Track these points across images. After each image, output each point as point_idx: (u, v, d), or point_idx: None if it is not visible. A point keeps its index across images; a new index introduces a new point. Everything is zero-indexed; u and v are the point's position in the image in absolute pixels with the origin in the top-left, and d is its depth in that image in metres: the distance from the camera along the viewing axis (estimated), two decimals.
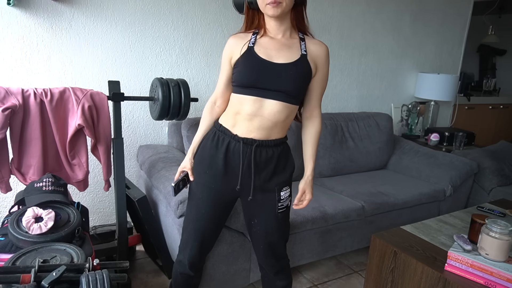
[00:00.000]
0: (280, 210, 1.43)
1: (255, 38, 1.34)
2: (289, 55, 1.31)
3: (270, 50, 1.31)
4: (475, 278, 1.35)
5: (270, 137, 1.35)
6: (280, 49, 1.32)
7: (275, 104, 1.30)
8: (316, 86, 1.40)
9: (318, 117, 1.44)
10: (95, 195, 2.36)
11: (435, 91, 3.35)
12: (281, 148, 1.40)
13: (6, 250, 1.24)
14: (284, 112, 1.32)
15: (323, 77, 1.40)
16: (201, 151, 1.43)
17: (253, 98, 1.30)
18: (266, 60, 1.30)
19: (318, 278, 2.23)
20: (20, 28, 1.97)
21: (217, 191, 1.41)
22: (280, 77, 1.29)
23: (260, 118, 1.32)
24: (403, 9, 3.25)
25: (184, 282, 1.57)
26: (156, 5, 2.27)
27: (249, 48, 1.32)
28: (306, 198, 1.45)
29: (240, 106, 1.33)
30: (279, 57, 1.31)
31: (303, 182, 1.45)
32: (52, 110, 1.64)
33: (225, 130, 1.37)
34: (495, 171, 2.79)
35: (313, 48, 1.35)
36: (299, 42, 1.35)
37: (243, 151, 1.34)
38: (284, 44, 1.33)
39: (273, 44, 1.33)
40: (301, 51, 1.33)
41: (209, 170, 1.39)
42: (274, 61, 1.30)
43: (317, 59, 1.36)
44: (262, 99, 1.30)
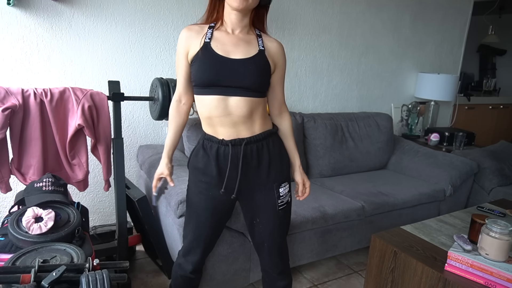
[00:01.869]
0: (281, 207, 1.43)
1: (211, 33, 1.31)
2: (247, 50, 1.30)
3: (227, 46, 1.30)
4: (475, 278, 1.35)
5: (255, 131, 1.35)
6: (237, 44, 1.31)
7: (239, 100, 1.29)
8: (277, 83, 1.41)
9: (286, 111, 1.48)
10: (95, 195, 2.36)
11: (435, 91, 3.36)
12: (272, 140, 1.40)
13: (6, 250, 1.24)
14: (249, 105, 1.31)
15: (282, 73, 1.41)
16: (194, 161, 1.42)
17: (216, 97, 1.29)
18: (223, 56, 1.28)
19: (318, 278, 2.23)
20: (20, 28, 1.97)
21: (214, 198, 1.41)
22: (239, 72, 1.27)
23: (230, 116, 1.31)
24: (403, 9, 3.25)
25: (184, 284, 1.56)
26: (156, 5, 2.27)
27: (205, 44, 1.29)
28: (306, 186, 1.51)
29: (208, 109, 1.32)
30: (237, 53, 1.29)
31: (297, 174, 1.50)
32: (52, 110, 1.64)
33: (211, 138, 1.37)
34: (495, 171, 2.79)
35: (270, 45, 1.36)
36: (256, 38, 1.34)
37: (232, 154, 1.34)
38: (241, 39, 1.32)
39: (230, 39, 1.31)
40: (258, 46, 1.32)
41: (204, 178, 1.39)
42: (232, 57, 1.28)
43: (275, 56, 1.36)
44: (224, 97, 1.29)
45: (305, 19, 2.79)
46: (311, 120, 2.67)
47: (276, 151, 1.41)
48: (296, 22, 2.76)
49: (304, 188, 1.51)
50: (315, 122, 2.67)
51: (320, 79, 2.99)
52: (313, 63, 2.92)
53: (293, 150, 1.49)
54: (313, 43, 2.88)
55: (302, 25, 2.79)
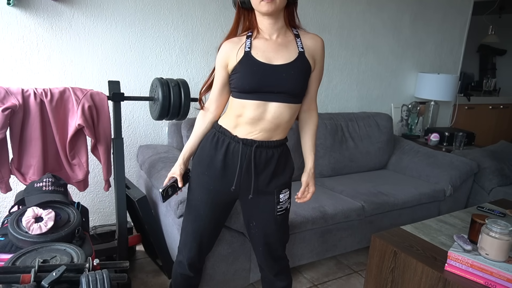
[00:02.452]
0: (279, 213, 1.42)
1: (250, 42, 1.31)
2: (288, 54, 1.30)
3: (267, 53, 1.30)
4: (475, 278, 1.35)
5: (271, 138, 1.35)
6: (278, 50, 1.30)
7: (279, 106, 1.30)
8: (314, 80, 1.40)
9: (315, 110, 1.45)
10: (95, 195, 2.36)
11: (435, 91, 3.35)
12: (281, 150, 1.39)
13: (6, 250, 1.24)
14: (288, 113, 1.32)
15: (321, 69, 1.40)
16: (200, 152, 1.42)
17: (256, 102, 1.29)
18: (265, 63, 1.28)
19: (318, 278, 2.23)
20: (20, 28, 1.97)
21: (215, 192, 1.41)
22: (281, 78, 1.28)
23: (263, 121, 1.31)
24: (403, 9, 3.25)
25: (184, 283, 1.57)
26: (156, 5, 2.27)
27: (246, 53, 1.29)
28: (309, 191, 1.47)
29: (243, 109, 1.32)
30: (278, 58, 1.29)
31: (305, 175, 1.46)
32: (52, 110, 1.64)
33: (225, 131, 1.36)
34: (495, 171, 2.79)
35: (309, 43, 1.35)
36: (294, 40, 1.33)
37: (242, 152, 1.34)
38: (280, 44, 1.31)
39: (270, 45, 1.31)
40: (298, 48, 1.32)
41: (208, 171, 1.39)
42: (274, 63, 1.28)
43: (315, 53, 1.35)
44: (265, 102, 1.29)
45: (305, 19, 2.78)
46: None
47: (283, 160, 1.40)
48: None
49: (306, 191, 1.47)
50: None
51: None
52: None
53: (310, 151, 1.45)
54: None
55: (302, 25, 2.78)
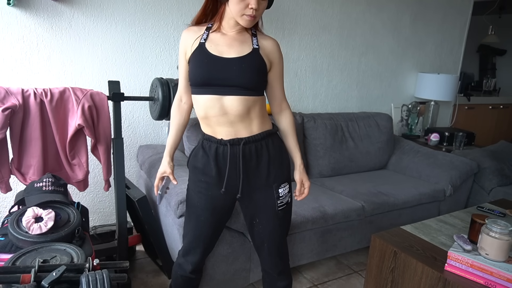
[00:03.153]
0: (280, 208, 1.43)
1: (207, 34, 1.33)
2: (240, 49, 1.31)
3: (221, 46, 1.31)
4: (475, 278, 1.35)
5: (253, 131, 1.35)
6: (231, 44, 1.32)
7: (234, 99, 1.29)
8: (275, 81, 1.40)
9: (287, 108, 1.47)
10: (95, 195, 2.36)
11: (435, 91, 3.35)
12: (271, 140, 1.39)
13: (6, 250, 1.24)
14: (246, 104, 1.31)
15: (280, 71, 1.41)
16: (194, 161, 1.43)
17: (211, 97, 1.30)
18: (216, 55, 1.29)
19: (318, 278, 2.23)
20: (20, 28, 1.97)
21: (214, 197, 1.41)
22: (232, 71, 1.28)
23: (226, 116, 1.32)
24: (403, 9, 3.25)
25: (184, 284, 1.56)
26: (156, 5, 2.27)
27: (200, 45, 1.31)
28: (305, 186, 1.49)
29: (204, 109, 1.33)
30: (230, 52, 1.30)
31: (297, 173, 1.48)
32: (52, 110, 1.64)
33: (210, 138, 1.37)
34: (495, 171, 2.79)
35: (265, 43, 1.36)
36: (251, 37, 1.35)
37: (231, 153, 1.34)
38: (235, 39, 1.33)
39: (225, 39, 1.32)
40: (253, 45, 1.33)
41: (204, 177, 1.40)
42: (225, 56, 1.29)
43: (270, 54, 1.36)
44: (219, 96, 1.30)
45: (305, 19, 2.79)
46: (311, 120, 2.67)
47: (276, 151, 1.41)
48: (296, 22, 2.76)
49: (302, 188, 1.49)
50: (315, 122, 2.67)
51: (320, 79, 2.99)
52: (313, 63, 2.92)
53: (294, 149, 1.48)
54: (313, 43, 2.87)
55: (302, 25, 2.79)
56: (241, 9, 1.25)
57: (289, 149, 1.48)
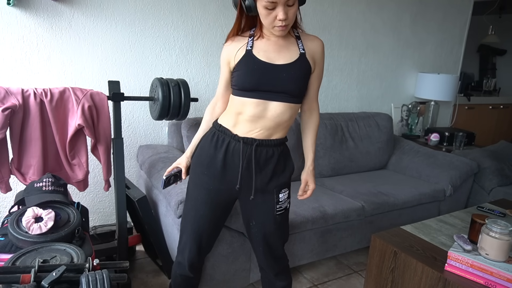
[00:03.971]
0: (279, 212, 1.43)
1: (252, 41, 1.33)
2: (289, 55, 1.32)
3: (269, 52, 1.31)
4: (475, 278, 1.35)
5: (271, 136, 1.36)
6: (279, 50, 1.32)
7: (279, 105, 1.31)
8: (314, 80, 1.41)
9: (316, 109, 1.47)
10: (95, 195, 2.36)
11: (435, 91, 3.35)
12: (281, 149, 1.40)
13: (6, 250, 1.24)
14: (287, 112, 1.33)
15: (321, 71, 1.41)
16: (199, 152, 1.43)
17: (256, 101, 1.31)
18: (266, 62, 1.29)
19: (318, 278, 2.23)
20: (20, 28, 1.97)
21: (215, 192, 1.41)
22: (282, 78, 1.29)
23: (263, 119, 1.32)
24: (403, 9, 3.25)
25: (184, 283, 1.57)
26: (156, 5, 2.27)
27: (247, 51, 1.31)
28: (309, 188, 1.49)
29: (243, 107, 1.33)
30: (279, 58, 1.31)
31: (304, 173, 1.49)
32: (52, 110, 1.64)
33: (225, 130, 1.37)
34: (495, 171, 2.79)
35: (310, 44, 1.36)
36: (296, 41, 1.35)
37: (243, 151, 1.34)
38: (281, 44, 1.33)
39: (271, 45, 1.32)
40: (299, 49, 1.33)
41: (207, 171, 1.39)
42: (275, 63, 1.30)
43: (315, 55, 1.37)
44: (265, 101, 1.31)
45: (305, 19, 2.78)
46: None
47: (282, 159, 1.41)
48: None
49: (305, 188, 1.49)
50: None
51: None
52: None
53: (310, 149, 1.48)
54: None
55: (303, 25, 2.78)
56: (270, 22, 1.24)
57: (304, 148, 1.49)
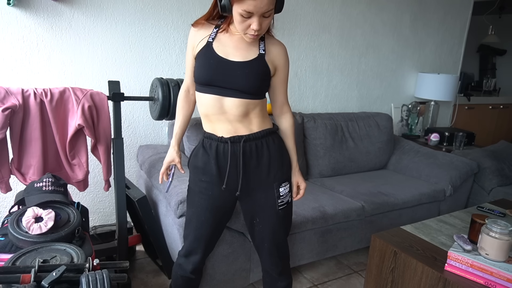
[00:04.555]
0: (281, 207, 1.43)
1: (215, 33, 1.33)
2: (246, 53, 1.31)
3: (228, 48, 1.31)
4: (475, 278, 1.35)
5: (252, 129, 1.36)
6: (238, 47, 1.32)
7: (234, 101, 1.31)
8: (278, 85, 1.41)
9: (288, 112, 1.48)
10: (95, 195, 2.36)
11: (435, 91, 3.35)
12: (271, 139, 1.40)
13: (6, 250, 1.24)
14: (245, 107, 1.32)
15: (285, 76, 1.41)
16: (194, 160, 1.44)
17: (212, 96, 1.31)
18: (222, 57, 1.30)
19: (318, 278, 2.23)
20: (20, 28, 1.97)
21: (214, 197, 1.41)
22: (235, 75, 1.29)
23: (225, 115, 1.33)
24: (403, 9, 3.25)
25: (185, 284, 1.57)
26: (156, 5, 2.27)
27: (207, 44, 1.32)
28: (301, 187, 1.50)
29: (205, 107, 1.35)
30: (236, 55, 1.30)
31: (293, 175, 1.49)
32: (52, 110, 1.64)
33: (210, 135, 1.38)
34: (495, 171, 2.79)
35: (273, 48, 1.35)
36: (258, 41, 1.34)
37: (231, 151, 1.35)
38: (243, 42, 1.32)
39: (232, 41, 1.32)
40: (259, 50, 1.33)
41: (204, 177, 1.40)
42: (230, 59, 1.30)
43: (276, 59, 1.36)
44: (220, 97, 1.31)
45: (305, 19, 2.79)
46: (311, 120, 2.67)
47: (276, 150, 1.41)
48: (296, 22, 2.76)
49: (298, 190, 1.51)
50: (315, 122, 2.67)
51: (320, 79, 2.99)
52: (313, 63, 2.92)
53: (292, 151, 1.49)
54: (313, 43, 2.87)
55: (302, 25, 2.79)
56: (243, 29, 1.24)
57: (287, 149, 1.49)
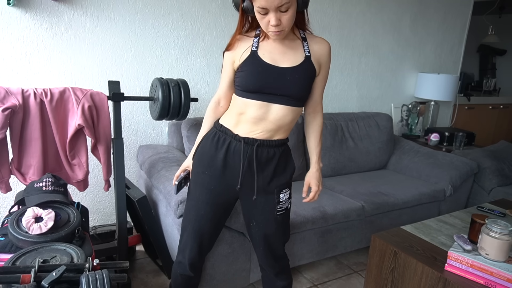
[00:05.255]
0: (280, 213, 1.43)
1: (257, 42, 1.32)
2: (294, 58, 1.30)
3: (274, 54, 1.30)
4: (475, 278, 1.35)
5: (272, 137, 1.36)
6: (285, 52, 1.31)
7: (281, 108, 1.31)
8: (319, 83, 1.40)
9: (320, 112, 1.47)
10: (95, 195, 2.36)
11: (435, 91, 3.35)
12: (283, 149, 1.40)
13: (6, 250, 1.24)
14: (290, 115, 1.33)
15: (326, 74, 1.40)
16: (200, 152, 1.43)
17: (259, 102, 1.30)
18: (271, 64, 1.28)
19: (318, 278, 2.23)
20: (20, 28, 1.97)
21: (216, 192, 1.41)
22: (286, 81, 1.28)
23: (265, 121, 1.32)
24: (403, 9, 3.25)
25: (184, 283, 1.57)
26: (156, 5, 2.27)
27: (252, 52, 1.30)
28: (312, 189, 1.48)
29: (245, 108, 1.33)
30: (284, 61, 1.30)
31: (308, 175, 1.48)
32: (52, 110, 1.64)
33: (226, 130, 1.37)
34: (495, 171, 2.79)
35: (316, 47, 1.34)
36: (301, 43, 1.33)
37: (244, 151, 1.34)
38: (287, 46, 1.31)
39: (277, 47, 1.31)
40: (304, 52, 1.32)
41: (208, 170, 1.39)
42: (280, 65, 1.29)
43: (321, 58, 1.35)
44: (268, 103, 1.30)
45: None
46: None
47: (283, 160, 1.41)
48: None
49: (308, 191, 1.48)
50: None
51: None
52: None
53: (313, 151, 1.47)
54: None
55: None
56: (265, 26, 1.23)
57: (309, 149, 1.49)
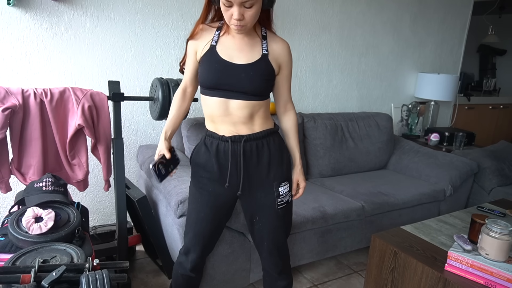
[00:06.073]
0: (280, 206, 1.43)
1: (218, 36, 1.34)
2: (250, 55, 1.32)
3: (231, 50, 1.32)
4: (475, 278, 1.35)
5: (254, 130, 1.37)
6: (242, 49, 1.32)
7: (240, 103, 1.32)
8: (282, 83, 1.42)
9: (292, 109, 1.48)
10: (95, 195, 2.36)
11: (435, 91, 3.35)
12: (272, 139, 1.40)
13: (6, 250, 1.24)
14: (251, 108, 1.34)
15: (288, 73, 1.42)
16: (196, 157, 1.45)
17: (218, 99, 1.33)
18: (226, 60, 1.30)
19: (318, 278, 2.23)
20: (20, 28, 1.97)
21: (215, 194, 1.42)
22: (241, 78, 1.30)
23: (230, 116, 1.34)
24: (403, 9, 3.25)
25: (185, 283, 1.57)
26: (156, 5, 2.27)
27: (211, 47, 1.32)
28: (300, 186, 1.50)
29: (210, 109, 1.36)
30: (240, 58, 1.31)
31: (294, 173, 1.49)
32: (52, 110, 1.64)
33: (212, 134, 1.40)
34: (495, 171, 2.79)
35: (275, 46, 1.36)
36: (260, 41, 1.34)
37: (232, 150, 1.36)
38: (246, 43, 1.33)
39: (235, 43, 1.33)
40: (262, 50, 1.33)
41: (206, 174, 1.42)
42: (235, 62, 1.30)
43: (279, 57, 1.36)
44: (226, 99, 1.32)
45: (305, 19, 2.79)
46: (311, 120, 2.67)
47: (277, 149, 1.41)
48: (296, 22, 2.76)
49: (298, 188, 1.50)
50: (315, 122, 2.67)
51: (320, 79, 2.99)
52: (313, 63, 2.92)
53: (294, 149, 1.49)
54: (313, 43, 2.87)
55: (302, 25, 2.79)
56: (228, 18, 1.24)
57: (290, 148, 1.50)
